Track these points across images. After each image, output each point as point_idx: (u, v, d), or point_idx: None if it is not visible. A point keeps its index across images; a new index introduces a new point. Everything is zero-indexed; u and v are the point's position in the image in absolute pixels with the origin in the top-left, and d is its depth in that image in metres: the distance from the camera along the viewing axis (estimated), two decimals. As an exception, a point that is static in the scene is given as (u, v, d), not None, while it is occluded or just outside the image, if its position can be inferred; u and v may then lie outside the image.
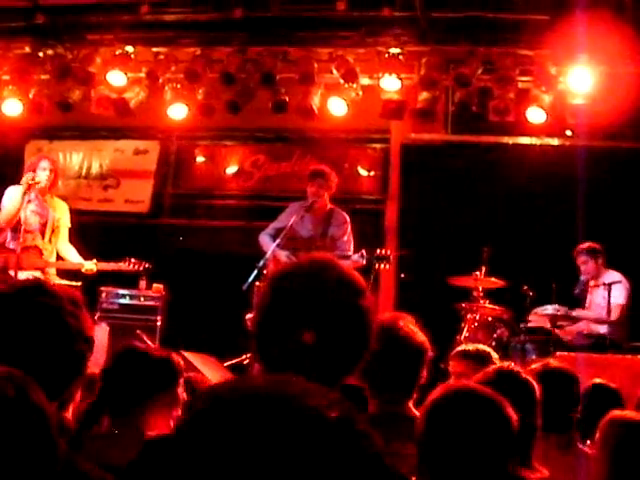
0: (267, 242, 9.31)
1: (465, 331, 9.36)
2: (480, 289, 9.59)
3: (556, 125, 10.29)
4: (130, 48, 10.42)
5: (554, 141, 11.32)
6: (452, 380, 5.65)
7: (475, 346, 5.78)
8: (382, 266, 8.83)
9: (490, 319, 9.51)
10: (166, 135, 12.76)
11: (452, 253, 10.72)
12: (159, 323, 10.09)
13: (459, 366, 5.52)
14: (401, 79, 9.94)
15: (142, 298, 10.30)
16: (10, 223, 8.86)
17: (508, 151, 11.41)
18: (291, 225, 9.08)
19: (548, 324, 9.13)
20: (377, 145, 12.49)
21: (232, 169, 12.96)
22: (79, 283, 9.18)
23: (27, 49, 10.59)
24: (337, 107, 10.41)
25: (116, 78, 10.43)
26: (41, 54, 10.57)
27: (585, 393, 5.22)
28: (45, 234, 9.11)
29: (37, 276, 8.63)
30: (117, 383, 3.55)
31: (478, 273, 9.55)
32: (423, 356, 3.75)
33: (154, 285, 10.42)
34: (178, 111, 10.73)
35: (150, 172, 12.91)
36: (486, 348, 5.79)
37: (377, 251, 8.89)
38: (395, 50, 9.86)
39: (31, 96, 10.62)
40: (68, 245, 9.35)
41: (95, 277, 9.37)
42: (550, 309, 9.15)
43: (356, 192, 12.25)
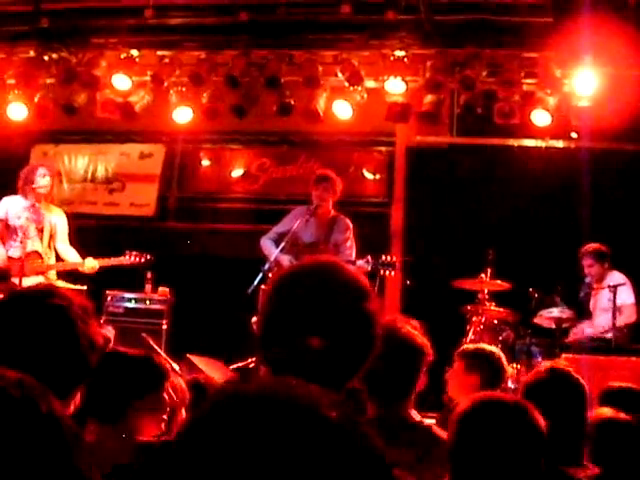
0: (268, 246, 9.31)
1: (471, 334, 9.36)
2: (485, 292, 9.59)
3: (561, 127, 10.28)
4: (135, 52, 10.44)
5: (559, 143, 11.31)
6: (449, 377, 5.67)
7: (475, 346, 5.80)
8: (388, 273, 8.83)
9: (496, 322, 9.51)
10: (171, 138, 12.76)
11: (457, 256, 10.71)
12: (165, 326, 10.11)
13: (459, 365, 5.53)
14: (406, 82, 9.94)
15: (148, 301, 10.32)
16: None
17: (513, 153, 11.40)
18: (294, 230, 9.08)
19: (554, 326, 9.13)
20: (382, 148, 12.49)
21: (237, 172, 12.97)
22: (84, 287, 9.20)
23: (32, 53, 10.60)
24: (342, 110, 10.41)
25: (121, 82, 10.44)
26: (46, 58, 10.58)
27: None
28: (43, 239, 9.12)
29: (41, 281, 8.65)
30: (100, 388, 3.48)
31: (483, 276, 9.55)
32: (422, 358, 3.73)
33: (160, 288, 10.44)
34: (183, 114, 10.74)
35: (155, 176, 12.92)
36: (487, 347, 5.80)
37: (382, 257, 8.89)
38: (400, 53, 9.86)
39: (36, 100, 10.64)
40: (67, 247, 9.34)
41: (101, 280, 9.38)
42: (556, 311, 9.15)
43: (361, 195, 12.26)
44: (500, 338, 9.29)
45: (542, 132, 10.58)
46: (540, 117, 9.83)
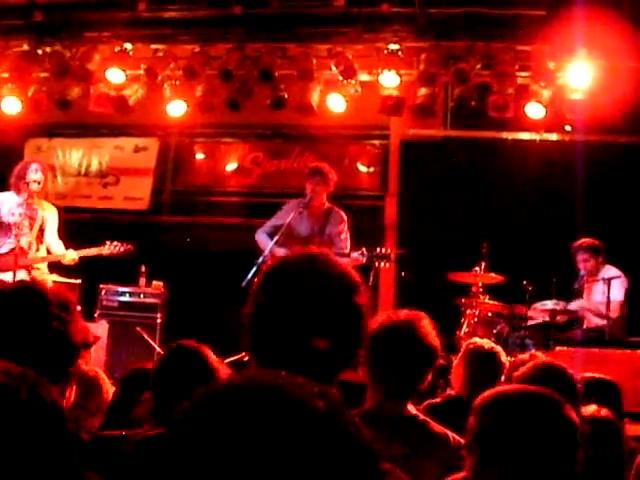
0: (263, 240, 9.31)
1: (465, 327, 9.37)
2: (480, 284, 9.59)
3: (555, 120, 10.29)
4: (129, 45, 10.43)
5: (553, 136, 11.32)
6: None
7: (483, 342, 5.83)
8: (382, 265, 8.84)
9: (490, 314, 9.53)
10: (165, 132, 12.76)
11: (451, 249, 10.71)
12: (159, 320, 10.11)
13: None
14: (400, 75, 9.94)
15: (142, 295, 10.31)
16: None
17: (507, 146, 11.40)
18: (289, 222, 9.07)
19: (547, 319, 9.14)
20: (376, 141, 12.50)
21: (231, 166, 12.97)
22: (78, 281, 9.18)
23: (25, 47, 10.59)
24: (336, 103, 10.41)
25: (115, 75, 10.43)
26: (40, 52, 10.58)
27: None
28: (31, 234, 9.03)
29: (23, 277, 8.58)
30: None
31: (478, 269, 9.55)
32: (435, 359, 3.74)
33: (154, 282, 10.44)
34: (177, 108, 10.73)
35: (149, 169, 12.91)
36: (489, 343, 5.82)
37: (377, 250, 8.89)
38: (394, 46, 9.86)
39: (30, 94, 10.62)
40: (55, 240, 9.23)
41: (95, 274, 9.38)
42: (550, 304, 9.15)
43: (355, 188, 12.25)
44: (494, 331, 9.30)
45: (536, 125, 10.59)
46: (534, 110, 9.84)
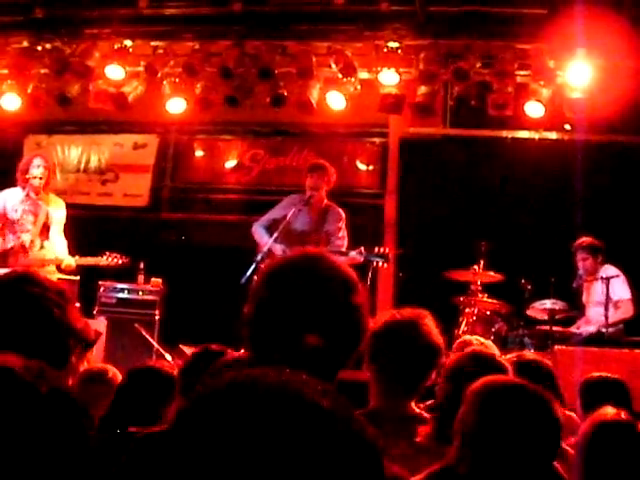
0: (261, 234, 9.31)
1: (463, 325, 9.38)
2: (478, 283, 9.60)
3: (555, 119, 10.29)
4: (128, 42, 10.40)
5: (552, 135, 11.33)
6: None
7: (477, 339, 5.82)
8: (381, 264, 8.83)
9: (488, 313, 9.53)
10: (165, 129, 12.75)
11: (450, 247, 10.72)
12: (157, 317, 10.11)
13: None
14: (400, 73, 9.92)
15: (140, 292, 10.31)
16: None
17: (507, 145, 11.41)
18: (287, 218, 9.07)
19: (546, 318, 9.14)
20: (376, 139, 12.49)
21: (231, 163, 12.96)
22: (77, 277, 9.17)
23: (25, 43, 10.56)
24: (336, 101, 10.41)
25: (114, 72, 10.41)
26: (39, 48, 10.55)
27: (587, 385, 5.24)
28: (36, 229, 8.97)
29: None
30: None
31: (476, 267, 9.56)
32: (439, 358, 3.74)
33: (152, 279, 10.44)
34: (176, 105, 10.71)
35: (149, 166, 12.90)
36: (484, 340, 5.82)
37: (375, 249, 8.89)
38: (394, 44, 9.85)
39: (29, 90, 10.60)
40: (60, 238, 9.09)
41: (93, 270, 9.36)
42: (548, 303, 9.15)
43: (354, 186, 12.25)
44: (493, 330, 9.30)
45: (536, 124, 10.58)
46: (534, 109, 9.84)
